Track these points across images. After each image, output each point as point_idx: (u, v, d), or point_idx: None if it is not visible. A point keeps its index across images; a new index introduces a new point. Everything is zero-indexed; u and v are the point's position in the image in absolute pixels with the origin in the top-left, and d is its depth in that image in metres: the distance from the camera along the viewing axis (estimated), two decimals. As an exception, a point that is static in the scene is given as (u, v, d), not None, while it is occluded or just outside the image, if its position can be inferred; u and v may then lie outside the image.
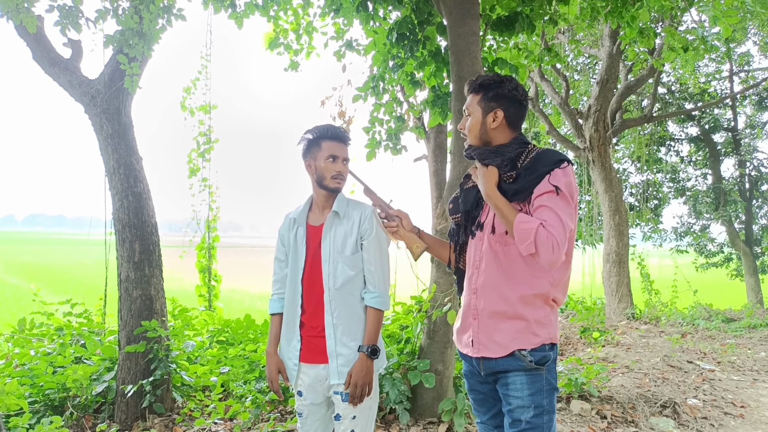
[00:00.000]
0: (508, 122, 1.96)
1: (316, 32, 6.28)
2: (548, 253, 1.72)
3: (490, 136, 1.96)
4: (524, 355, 1.83)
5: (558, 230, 1.73)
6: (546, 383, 1.84)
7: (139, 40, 4.35)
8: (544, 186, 1.81)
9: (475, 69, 3.78)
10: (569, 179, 1.83)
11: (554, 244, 1.72)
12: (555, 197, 1.79)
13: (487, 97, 1.96)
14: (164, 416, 3.92)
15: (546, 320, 1.87)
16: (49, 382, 4.00)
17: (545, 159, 1.87)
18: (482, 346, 1.91)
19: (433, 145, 6.82)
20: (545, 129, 10.60)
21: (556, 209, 1.77)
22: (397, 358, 3.65)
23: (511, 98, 1.95)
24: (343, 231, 2.25)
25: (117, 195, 4.36)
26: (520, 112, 1.98)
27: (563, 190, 1.80)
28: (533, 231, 1.74)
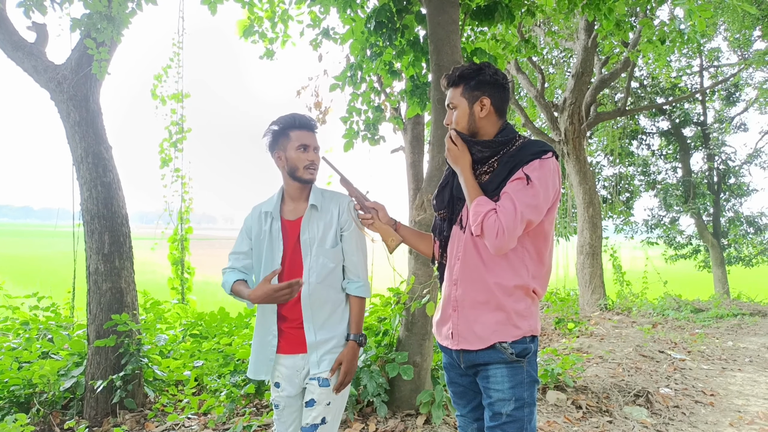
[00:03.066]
0: (496, 109, 1.91)
1: (291, 20, 6.15)
2: (492, 237, 1.72)
3: (479, 126, 1.91)
4: (505, 347, 1.80)
5: (508, 217, 1.71)
6: (527, 376, 1.81)
7: (107, 24, 4.19)
8: (518, 174, 1.78)
9: (455, 58, 3.75)
10: (545, 171, 1.77)
11: (499, 230, 1.70)
12: (521, 185, 1.75)
13: (470, 87, 1.91)
14: (136, 412, 3.82)
15: (527, 312, 1.83)
16: (14, 378, 3.85)
17: (528, 149, 1.83)
18: (462, 339, 1.87)
19: (410, 136, 6.78)
20: (521, 121, 10.66)
21: (515, 197, 1.74)
22: (375, 350, 3.62)
23: (495, 84, 1.90)
24: (322, 224, 2.21)
25: (85, 185, 4.21)
26: (504, 97, 1.94)
27: (533, 181, 1.75)
28: (482, 214, 1.75)
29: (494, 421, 1.80)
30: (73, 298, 5.93)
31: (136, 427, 3.62)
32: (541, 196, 1.75)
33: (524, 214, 1.72)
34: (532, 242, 1.84)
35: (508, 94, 1.95)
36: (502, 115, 1.95)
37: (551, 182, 1.78)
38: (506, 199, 1.74)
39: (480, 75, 1.90)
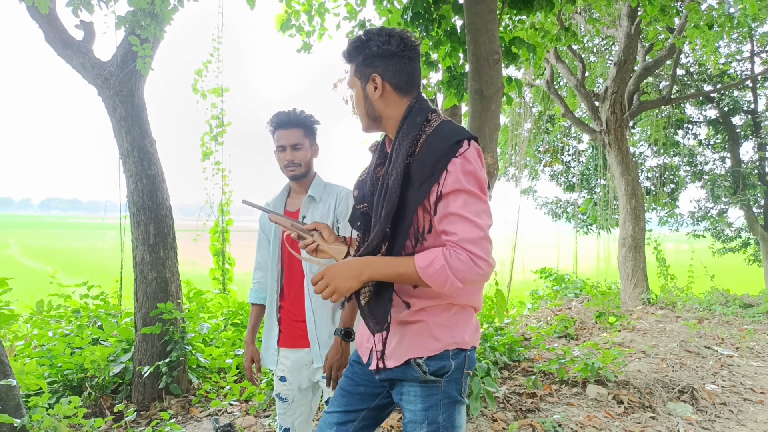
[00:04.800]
0: (393, 86, 1.57)
1: (328, 13, 6.18)
2: (474, 274, 1.40)
3: (377, 110, 1.59)
4: (419, 364, 1.53)
5: (473, 239, 1.40)
6: (444, 396, 1.54)
7: (151, 21, 4.30)
8: (444, 186, 1.44)
9: (493, 48, 3.70)
10: (472, 166, 1.45)
11: (474, 260, 1.39)
12: (461, 198, 1.43)
13: (360, 63, 1.59)
14: (181, 397, 3.95)
15: (449, 322, 1.54)
16: (67, 363, 4.04)
17: (437, 145, 1.47)
18: (377, 355, 1.61)
19: (447, 127, 6.74)
20: (561, 111, 10.44)
21: (463, 213, 1.42)
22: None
23: (386, 54, 1.55)
24: (319, 215, 2.23)
25: (131, 178, 4.35)
26: (405, 69, 1.57)
27: (468, 187, 1.43)
28: (441, 268, 1.40)
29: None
30: (120, 287, 6.15)
31: (182, 412, 3.75)
32: (483, 196, 1.47)
33: (483, 223, 1.43)
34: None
35: (411, 65, 1.59)
36: (407, 92, 1.59)
37: (482, 177, 1.48)
38: (455, 221, 1.42)
39: (367, 47, 1.57)
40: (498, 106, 3.66)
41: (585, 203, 14.46)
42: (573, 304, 8.84)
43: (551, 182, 15.19)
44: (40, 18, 4.49)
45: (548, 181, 15.19)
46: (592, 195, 14.55)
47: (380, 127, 1.65)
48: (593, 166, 14.08)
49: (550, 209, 15.40)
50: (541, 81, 11.10)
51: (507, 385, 4.17)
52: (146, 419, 3.62)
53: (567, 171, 14.95)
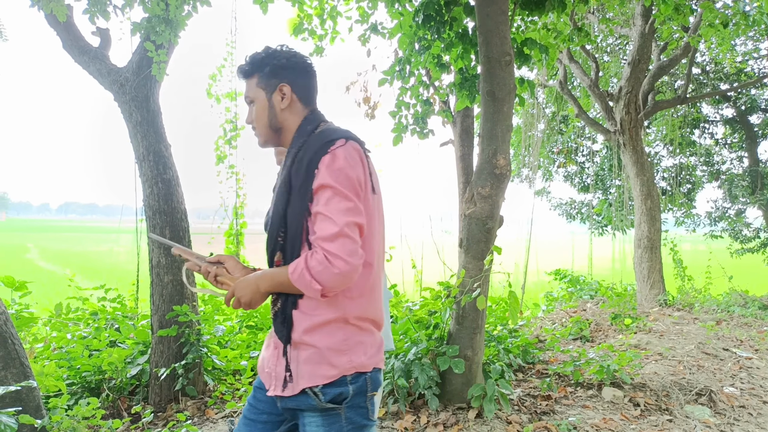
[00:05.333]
0: (299, 97, 1.65)
1: (340, 16, 6.22)
2: (331, 275, 1.36)
3: (280, 120, 1.64)
4: (315, 393, 1.46)
5: (328, 237, 1.37)
6: (347, 423, 1.48)
7: (165, 27, 4.36)
8: (315, 184, 1.44)
9: (504, 49, 3.69)
10: (341, 163, 1.44)
11: (329, 258, 1.36)
12: (325, 195, 1.42)
13: (266, 75, 1.63)
14: (197, 399, 3.99)
15: (344, 345, 1.47)
16: (85, 365, 4.10)
17: (311, 145, 1.50)
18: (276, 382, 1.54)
19: (459, 129, 6.74)
20: (574, 112, 10.38)
21: (324, 211, 1.40)
22: (426, 343, 3.64)
23: (294, 67, 1.64)
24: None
25: (147, 182, 4.41)
26: (309, 83, 1.67)
27: (332, 184, 1.41)
28: (301, 271, 1.39)
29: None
30: (137, 290, 6.23)
31: (197, 414, 3.78)
32: (352, 194, 1.43)
33: (348, 219, 1.39)
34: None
35: (313, 80, 1.68)
36: (309, 103, 1.67)
37: (354, 175, 1.45)
38: (319, 220, 1.41)
39: (274, 59, 1.63)
40: (510, 107, 3.66)
41: (600, 204, 14.34)
42: (588, 305, 8.77)
43: (565, 183, 15.10)
44: (58, 25, 4.57)
45: (562, 182, 15.09)
46: (606, 196, 14.42)
47: (279, 140, 1.67)
48: (608, 167, 13.97)
49: (564, 210, 15.29)
50: (554, 82, 11.04)
51: (521, 388, 4.15)
52: (163, 420, 3.66)
53: (581, 172, 14.84)
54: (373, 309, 1.55)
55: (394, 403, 3.54)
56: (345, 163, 1.44)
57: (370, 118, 8.07)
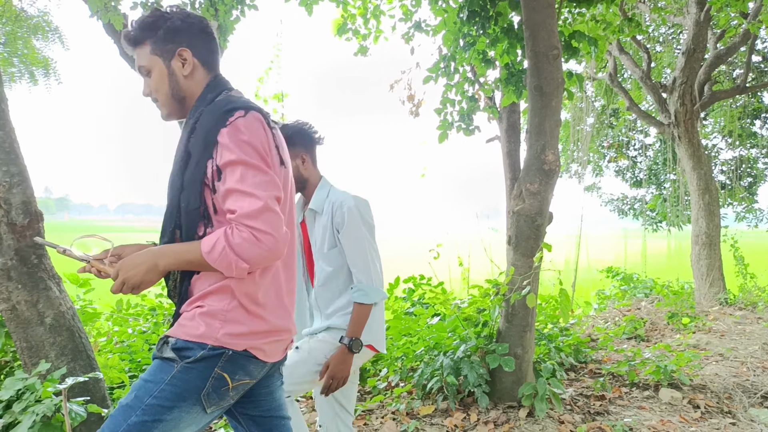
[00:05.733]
0: (202, 62, 1.50)
1: (383, 15, 6.26)
2: (259, 252, 1.29)
3: (183, 88, 1.50)
4: (168, 341, 1.39)
5: (253, 213, 1.29)
6: (171, 380, 1.33)
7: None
8: (219, 160, 1.34)
9: (552, 43, 3.62)
10: (246, 136, 1.33)
11: (256, 235, 1.28)
12: (237, 171, 1.32)
13: (160, 39, 1.47)
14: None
15: (222, 315, 1.37)
16: (145, 358, 4.27)
17: (207, 116, 1.39)
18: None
19: (506, 124, 6.65)
20: (625, 105, 10.06)
21: (241, 187, 1.31)
22: (475, 341, 3.62)
23: (191, 29, 1.48)
24: (321, 227, 2.23)
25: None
26: (209, 45, 1.52)
27: (242, 158, 1.31)
28: (223, 250, 1.30)
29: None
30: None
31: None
32: (262, 166, 1.34)
33: (267, 193, 1.31)
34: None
35: (214, 42, 1.53)
36: (213, 68, 1.53)
37: (260, 144, 1.35)
38: (233, 197, 1.32)
39: (168, 21, 1.46)
40: (558, 102, 3.59)
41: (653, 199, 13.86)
42: (642, 304, 8.49)
43: (616, 178, 14.68)
44: (115, 34, 4.78)
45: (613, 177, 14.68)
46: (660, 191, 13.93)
47: (184, 111, 1.53)
48: (662, 161, 13.48)
49: (615, 206, 14.86)
50: (604, 74, 10.73)
51: (574, 387, 4.07)
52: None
53: (633, 166, 14.38)
54: (265, 292, 1.42)
55: (443, 400, 3.54)
56: (249, 134, 1.33)
57: (415, 116, 8.07)
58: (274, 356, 1.47)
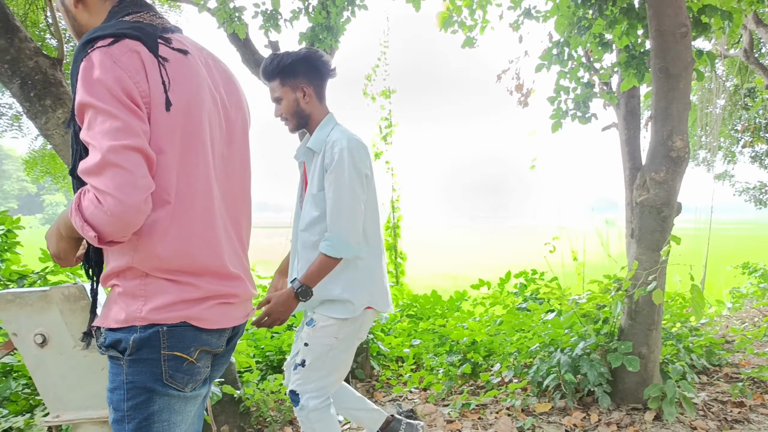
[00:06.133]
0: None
1: (490, 5, 6.14)
2: (102, 217, 1.06)
3: (82, 23, 1.34)
4: (101, 332, 1.24)
5: (91, 169, 1.06)
6: (128, 380, 1.21)
7: (327, 33, 4.67)
8: (75, 106, 1.13)
9: (680, 20, 3.35)
10: (97, 72, 1.09)
11: (97, 197, 1.06)
12: (86, 117, 1.10)
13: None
14: (365, 382, 4.24)
15: (141, 291, 1.20)
16: (268, 345, 4.56)
17: (77, 50, 1.17)
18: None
19: (624, 111, 6.27)
20: (763, 83, 9.06)
21: (88, 138, 1.09)
22: (595, 338, 3.46)
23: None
24: (315, 166, 2.10)
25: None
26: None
27: (89, 100, 1.08)
28: (75, 213, 1.10)
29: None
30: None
31: (366, 396, 4.02)
32: (112, 109, 1.08)
33: (113, 146, 1.06)
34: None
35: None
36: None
37: (111, 80, 1.10)
38: (90, 151, 1.09)
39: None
40: (687, 84, 3.31)
41: (798, 187, 12.36)
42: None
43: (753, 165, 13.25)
44: (238, 42, 5.12)
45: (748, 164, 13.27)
46: (806, 177, 12.39)
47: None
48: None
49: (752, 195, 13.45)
50: (737, 51, 9.73)
51: (706, 392, 3.76)
52: (336, 400, 3.95)
53: (773, 151, 12.92)
54: (191, 258, 1.22)
55: (561, 398, 3.43)
56: (101, 70, 1.09)
57: (524, 106, 7.85)
58: (224, 321, 1.29)
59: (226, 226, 1.33)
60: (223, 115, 1.34)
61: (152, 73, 1.15)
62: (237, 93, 1.43)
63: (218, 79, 1.35)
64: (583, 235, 8.01)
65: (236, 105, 1.41)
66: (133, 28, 1.18)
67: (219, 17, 4.18)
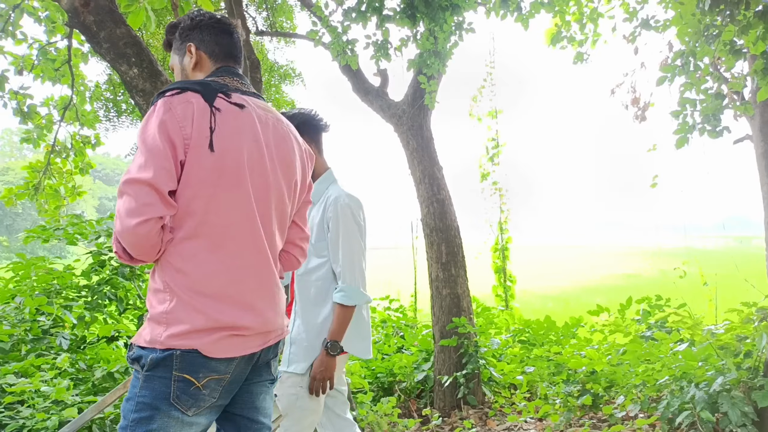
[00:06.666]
0: (208, 53, 1.58)
1: (602, 17, 5.91)
2: (117, 237, 1.32)
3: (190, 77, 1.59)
4: (131, 346, 1.41)
5: (119, 200, 1.32)
6: (140, 393, 1.35)
7: (435, 59, 4.73)
8: None
9: (829, 19, 3.01)
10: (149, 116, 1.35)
11: (115, 218, 1.32)
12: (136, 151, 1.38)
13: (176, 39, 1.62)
14: (477, 408, 4.15)
15: (164, 318, 1.35)
16: (379, 367, 4.63)
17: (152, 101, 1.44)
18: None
19: (759, 122, 5.72)
20: None
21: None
22: (736, 373, 3.13)
23: (198, 26, 1.58)
24: (316, 216, 2.22)
25: (423, 202, 4.82)
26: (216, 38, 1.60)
27: (138, 138, 1.36)
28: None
29: None
30: (415, 301, 6.81)
31: (479, 423, 3.93)
32: (145, 149, 1.31)
33: (130, 179, 1.29)
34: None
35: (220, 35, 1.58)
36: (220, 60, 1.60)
37: (152, 124, 1.32)
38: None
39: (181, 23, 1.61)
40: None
41: None
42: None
43: None
44: (349, 73, 5.35)
45: None
46: None
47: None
48: None
49: None
50: None
51: None
52: (449, 426, 3.90)
53: None
54: (208, 282, 1.37)
55: (696, 438, 3.14)
56: (156, 114, 1.33)
57: (640, 121, 7.42)
58: (232, 352, 1.40)
59: (259, 262, 1.46)
60: (269, 167, 1.49)
61: (201, 120, 1.35)
62: (288, 152, 1.56)
63: (271, 136, 1.51)
64: (711, 255, 7.33)
65: (285, 161, 1.54)
66: (201, 84, 1.41)
67: (333, 51, 4.40)
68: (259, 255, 1.45)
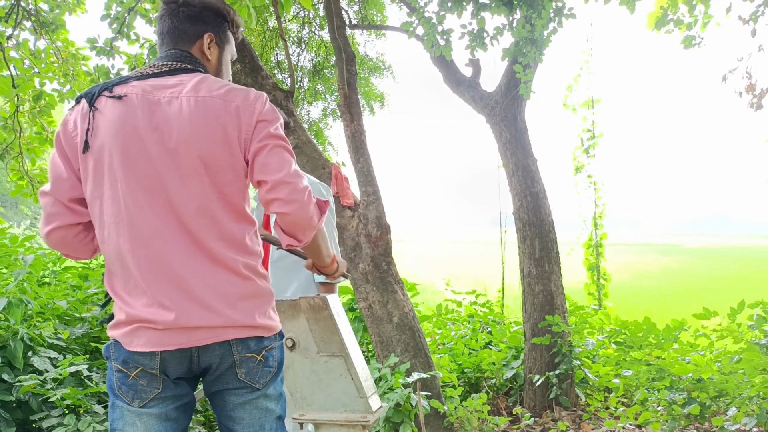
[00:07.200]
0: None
1: (716, -3, 5.44)
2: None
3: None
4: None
5: None
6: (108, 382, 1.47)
7: (531, 47, 4.57)
8: None
9: None
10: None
11: None
12: None
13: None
14: (570, 410, 4.00)
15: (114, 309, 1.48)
16: (466, 362, 4.57)
17: None
18: None
19: None
20: None
21: None
22: None
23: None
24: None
25: (516, 195, 4.68)
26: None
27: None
28: None
29: None
30: (502, 297, 6.67)
31: (572, 426, 3.78)
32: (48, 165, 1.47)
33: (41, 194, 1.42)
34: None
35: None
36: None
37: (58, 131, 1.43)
38: None
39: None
40: None
41: None
42: None
43: None
44: (441, 64, 5.29)
45: None
46: None
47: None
48: None
49: None
50: None
51: None
52: (540, 426, 3.79)
53: None
54: (113, 281, 1.39)
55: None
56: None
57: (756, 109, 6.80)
58: (148, 345, 1.34)
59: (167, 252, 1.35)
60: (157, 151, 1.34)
61: (83, 124, 1.36)
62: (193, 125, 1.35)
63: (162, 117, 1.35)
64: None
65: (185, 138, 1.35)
66: (92, 88, 1.41)
67: (427, 42, 4.36)
68: (165, 245, 1.34)
